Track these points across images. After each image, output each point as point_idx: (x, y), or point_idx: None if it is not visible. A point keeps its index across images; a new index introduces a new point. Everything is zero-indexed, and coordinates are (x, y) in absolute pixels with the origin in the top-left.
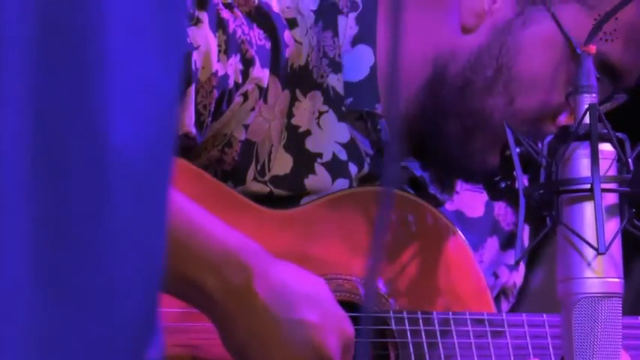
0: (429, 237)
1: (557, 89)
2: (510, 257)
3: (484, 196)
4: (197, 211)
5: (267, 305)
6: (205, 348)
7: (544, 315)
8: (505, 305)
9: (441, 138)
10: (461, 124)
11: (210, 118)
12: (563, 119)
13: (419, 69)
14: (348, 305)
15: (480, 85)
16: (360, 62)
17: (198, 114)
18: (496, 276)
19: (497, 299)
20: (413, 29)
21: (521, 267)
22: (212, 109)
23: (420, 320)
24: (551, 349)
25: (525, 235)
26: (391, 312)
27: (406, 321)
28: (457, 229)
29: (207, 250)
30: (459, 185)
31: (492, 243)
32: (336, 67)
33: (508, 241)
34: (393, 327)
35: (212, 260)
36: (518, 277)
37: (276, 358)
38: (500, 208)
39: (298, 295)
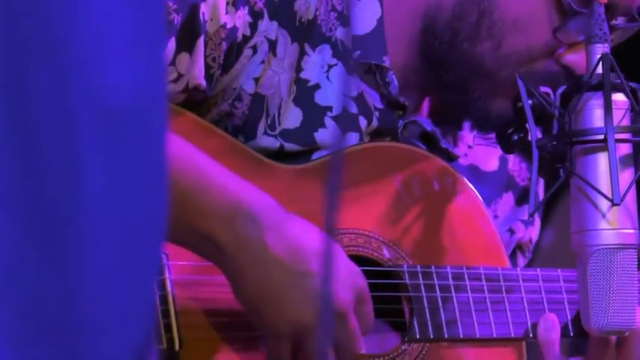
0: (441, 193)
1: (542, 28)
2: (525, 212)
3: (498, 151)
4: (210, 165)
5: (279, 258)
6: (218, 301)
7: (559, 270)
8: (522, 260)
9: (444, 88)
10: (457, 74)
11: (219, 71)
12: (561, 54)
13: (410, 21)
14: (361, 259)
15: (465, 32)
16: (366, 15)
17: (207, 67)
18: (512, 231)
19: (513, 255)
20: None
21: (537, 222)
22: (221, 61)
23: (434, 274)
24: (566, 304)
25: (540, 189)
26: (405, 266)
27: (420, 275)
28: (469, 183)
29: (220, 204)
30: (473, 139)
31: (507, 198)
32: (345, 20)
33: (523, 196)
34: (407, 281)
35: (225, 213)
36: (534, 232)
37: (287, 311)
38: (515, 163)
39: (310, 249)
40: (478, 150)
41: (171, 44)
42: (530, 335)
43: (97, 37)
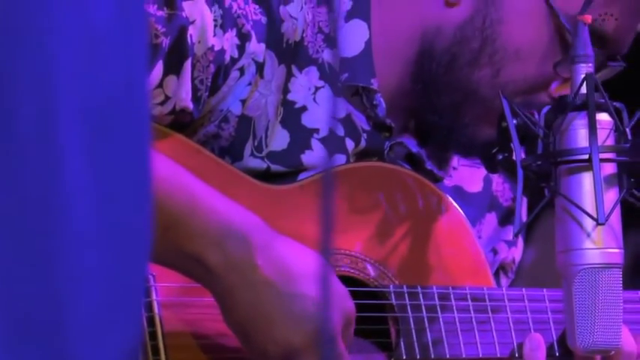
0: (426, 213)
1: (543, 59)
2: (509, 233)
3: (482, 172)
4: (198, 186)
5: (268, 279)
6: (206, 323)
7: (544, 290)
8: (504, 281)
9: (433, 112)
10: (450, 98)
11: (206, 93)
12: (554, 89)
13: (407, 44)
14: (347, 280)
15: (466, 58)
16: (354, 37)
17: (194, 89)
18: (495, 252)
19: (496, 275)
20: (400, 4)
21: (520, 242)
22: (209, 83)
23: (420, 294)
24: (551, 324)
25: (523, 209)
26: (391, 286)
27: (406, 295)
28: (455, 204)
29: (209, 224)
30: (457, 161)
31: (491, 219)
32: (332, 42)
33: (506, 216)
34: (394, 301)
35: (214, 234)
36: (517, 252)
37: (276, 333)
38: (499, 184)
39: (299, 270)
40: (462, 171)
41: (159, 67)
42: (516, 355)
43: (81, 35)
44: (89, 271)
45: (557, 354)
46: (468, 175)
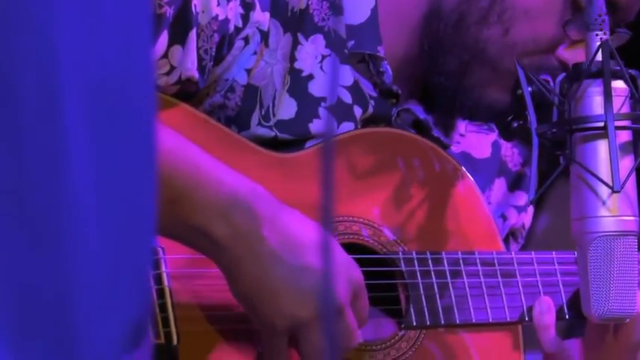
0: (436, 179)
1: (551, 19)
2: (518, 198)
3: (490, 137)
4: (204, 158)
5: (274, 251)
6: (215, 294)
7: (553, 252)
8: (514, 247)
9: (439, 74)
10: (457, 58)
11: (211, 63)
12: (562, 50)
13: (414, 6)
14: (355, 247)
15: (474, 16)
16: (360, 4)
17: (199, 58)
18: (504, 217)
19: (505, 241)
20: None
21: (530, 208)
22: (213, 53)
23: (430, 261)
24: (561, 286)
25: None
26: (400, 253)
27: (415, 262)
28: (464, 170)
29: (216, 196)
30: (465, 127)
31: (500, 184)
32: (337, 9)
33: (516, 182)
34: (403, 268)
35: (220, 206)
36: (527, 218)
37: (283, 306)
38: (507, 148)
39: (305, 241)
40: (470, 137)
41: (164, 37)
42: (526, 319)
43: (82, 11)
44: (94, 252)
45: (567, 317)
46: (475, 141)
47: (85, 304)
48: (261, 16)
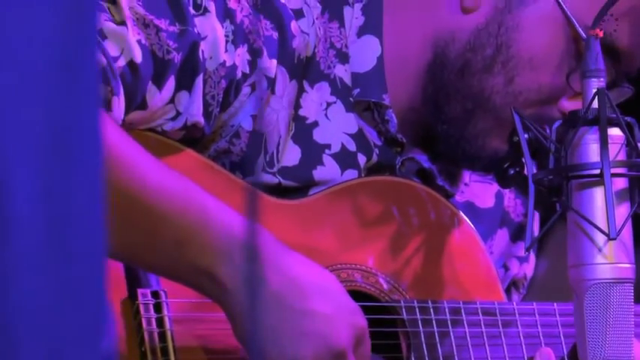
0: (438, 227)
1: (556, 70)
2: (520, 249)
3: (494, 187)
4: (211, 200)
5: (277, 294)
6: (217, 338)
7: (554, 304)
8: (516, 297)
9: (442, 121)
10: (461, 106)
11: (218, 109)
12: (565, 102)
13: (419, 53)
14: (359, 295)
15: (479, 65)
16: (366, 53)
17: (206, 104)
18: (506, 268)
19: (507, 291)
20: (412, 13)
21: (532, 258)
22: (220, 99)
23: (431, 309)
24: (562, 338)
25: (536, 224)
26: (402, 301)
27: (417, 310)
28: (467, 218)
29: (220, 239)
30: (469, 177)
31: (502, 235)
32: (343, 57)
33: (518, 232)
34: (405, 316)
35: (225, 248)
36: (528, 268)
37: (287, 349)
38: (510, 199)
39: (310, 286)
40: (474, 187)
41: (171, 82)
42: None
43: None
44: (38, 299)
45: None
46: (479, 190)
47: (31, 342)
48: (269, 63)
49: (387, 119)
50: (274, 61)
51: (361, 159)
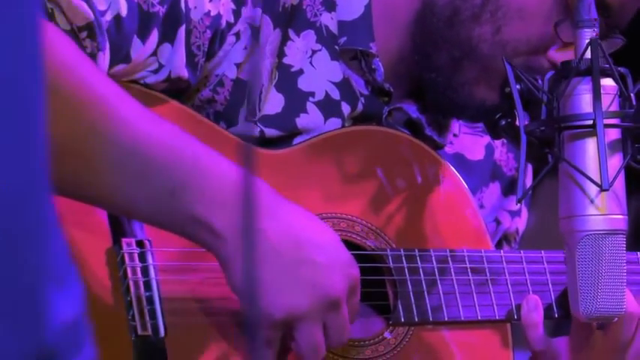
0: (424, 178)
1: (545, 20)
2: (512, 203)
3: (484, 140)
4: (204, 149)
5: (273, 244)
6: (204, 287)
7: (542, 252)
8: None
9: (430, 70)
10: (449, 55)
11: (203, 59)
12: (553, 53)
13: (408, 2)
14: (344, 243)
15: (467, 13)
16: (354, 0)
17: (192, 55)
18: (498, 222)
19: (499, 245)
20: None
21: (524, 213)
22: (206, 49)
23: (418, 257)
24: (550, 285)
25: (528, 176)
26: (388, 249)
27: (403, 258)
28: (454, 170)
29: (215, 188)
30: (458, 128)
31: (494, 188)
32: (330, 5)
33: (510, 186)
34: (391, 264)
35: (220, 197)
36: (520, 222)
37: (281, 298)
38: (502, 153)
39: (305, 236)
40: (464, 139)
41: (154, 36)
42: (515, 317)
43: None
44: None
45: (555, 315)
46: (469, 142)
47: None
48: (253, 12)
49: (373, 68)
50: (259, 10)
51: (345, 108)
